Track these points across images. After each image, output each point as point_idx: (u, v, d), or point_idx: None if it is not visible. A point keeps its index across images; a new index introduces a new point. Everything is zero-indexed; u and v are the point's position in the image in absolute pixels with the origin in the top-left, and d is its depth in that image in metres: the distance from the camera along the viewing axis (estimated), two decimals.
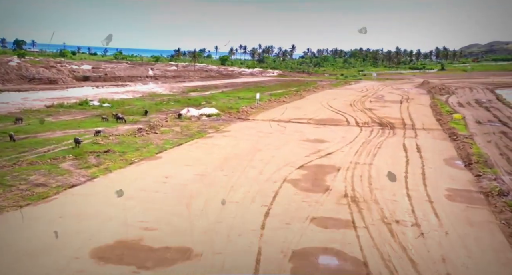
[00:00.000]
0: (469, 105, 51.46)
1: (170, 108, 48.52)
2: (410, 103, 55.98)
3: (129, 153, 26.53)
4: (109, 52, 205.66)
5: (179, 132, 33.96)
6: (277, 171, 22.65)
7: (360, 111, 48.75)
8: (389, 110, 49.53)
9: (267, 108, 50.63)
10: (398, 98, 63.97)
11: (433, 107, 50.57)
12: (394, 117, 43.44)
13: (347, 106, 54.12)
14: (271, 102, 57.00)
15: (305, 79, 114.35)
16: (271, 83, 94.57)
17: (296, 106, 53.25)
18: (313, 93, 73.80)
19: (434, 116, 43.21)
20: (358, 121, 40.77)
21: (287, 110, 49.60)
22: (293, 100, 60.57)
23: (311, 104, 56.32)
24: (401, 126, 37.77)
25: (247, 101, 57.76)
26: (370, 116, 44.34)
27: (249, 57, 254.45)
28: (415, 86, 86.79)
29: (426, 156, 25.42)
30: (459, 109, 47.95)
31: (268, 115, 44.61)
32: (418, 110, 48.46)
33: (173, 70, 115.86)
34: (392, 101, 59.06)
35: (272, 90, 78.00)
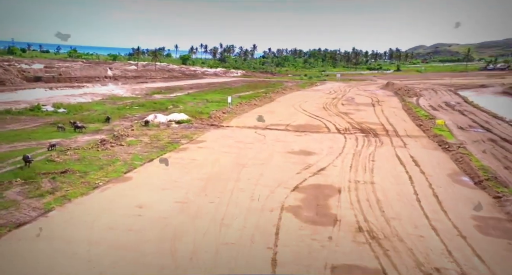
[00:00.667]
0: (442, 109, 50.46)
1: (135, 114, 43.87)
2: (382, 106, 54.34)
3: (91, 173, 22.24)
4: (62, 50, 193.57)
5: (149, 144, 29.79)
6: (271, 194, 19.30)
7: (336, 115, 46.30)
8: (365, 114, 47.44)
9: (240, 113, 47.13)
10: (369, 100, 62.40)
11: (408, 110, 49.06)
12: (372, 122, 41.24)
13: (321, 109, 51.63)
14: (242, 105, 53.52)
15: (270, 79, 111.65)
16: (237, 84, 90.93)
17: (269, 110, 50.08)
18: (282, 95, 70.99)
19: (413, 121, 41.43)
20: (338, 127, 38.16)
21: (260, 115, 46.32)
22: (264, 103, 57.38)
23: (284, 107, 53.37)
24: (384, 133, 35.50)
25: (216, 104, 53.97)
26: (348, 121, 41.91)
27: (210, 56, 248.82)
28: (380, 88, 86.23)
29: (427, 171, 22.95)
30: (435, 113, 46.65)
31: (242, 121, 41.14)
32: (394, 114, 46.69)
33: (133, 70, 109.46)
34: (364, 104, 57.26)
35: (239, 92, 74.39)
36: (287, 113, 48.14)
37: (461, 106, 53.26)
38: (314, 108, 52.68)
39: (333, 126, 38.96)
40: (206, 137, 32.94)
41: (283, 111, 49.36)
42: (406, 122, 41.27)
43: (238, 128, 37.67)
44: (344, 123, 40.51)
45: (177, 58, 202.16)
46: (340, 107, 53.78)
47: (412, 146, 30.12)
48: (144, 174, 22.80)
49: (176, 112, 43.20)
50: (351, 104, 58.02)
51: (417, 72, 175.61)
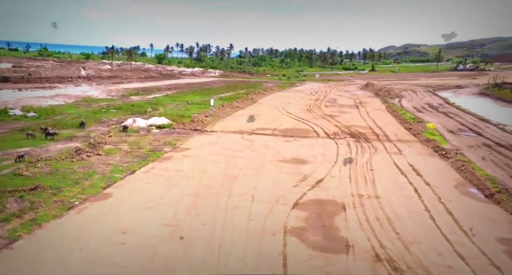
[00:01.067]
0: (426, 111, 49.73)
1: (112, 118, 40.91)
2: (366, 108, 53.19)
3: (66, 190, 19.64)
4: (32, 48, 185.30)
5: (129, 152, 27.21)
6: (269, 213, 17.28)
7: (322, 118, 44.69)
8: (351, 116, 46.06)
9: (223, 116, 44.88)
10: (351, 102, 61.23)
11: (393, 113, 47.99)
12: (360, 125, 39.82)
13: (306, 112, 49.97)
14: (225, 108, 51.24)
15: (249, 80, 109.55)
16: (216, 85, 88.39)
17: (252, 113, 47.98)
18: (263, 96, 69.02)
19: (401, 124, 40.25)
20: (326, 131, 36.50)
21: (244, 118, 44.23)
22: (246, 105, 55.25)
23: (267, 109, 51.42)
24: (374, 137, 34.07)
25: (197, 106, 51.50)
26: (335, 124, 40.35)
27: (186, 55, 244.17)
28: (360, 89, 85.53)
29: (432, 182, 21.44)
30: (420, 115, 45.76)
31: (227, 125, 38.92)
32: (380, 117, 45.48)
33: (108, 70, 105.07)
34: (348, 106, 56.00)
35: (220, 93, 72.01)
36: (272, 115, 46.22)
37: (444, 107, 52.71)
38: (298, 110, 50.98)
39: (321, 130, 37.27)
40: (191, 144, 30.58)
41: (267, 114, 47.39)
42: (394, 125, 40.05)
43: (223, 133, 35.44)
44: (332, 127, 38.90)
45: (153, 57, 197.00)
46: (324, 109, 52.26)
47: (408, 152, 28.71)
48: (126, 189, 20.34)
49: (156, 116, 40.53)
50: (335, 105, 56.66)
51: (392, 72, 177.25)
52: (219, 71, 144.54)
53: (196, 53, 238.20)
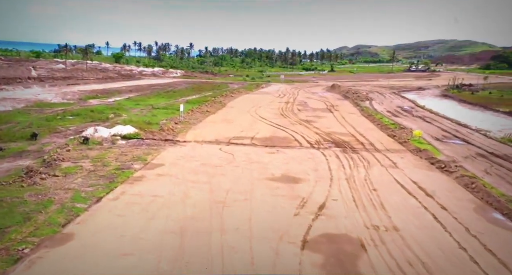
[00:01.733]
0: (401, 114, 48.21)
1: (69, 126, 35.72)
2: (340, 112, 50.95)
3: (12, 230, 15.20)
4: None
5: (92, 171, 22.76)
6: (276, 258, 13.83)
7: (299, 124, 41.76)
8: (327, 122, 43.45)
9: (194, 123, 40.86)
10: (322, 105, 58.93)
11: (369, 117, 45.90)
12: (341, 132, 37.20)
13: (280, 116, 46.93)
14: (194, 113, 47.15)
15: (213, 81, 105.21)
16: (181, 86, 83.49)
17: (225, 119, 44.34)
18: (231, 99, 65.32)
19: (383, 131, 38.00)
20: (308, 140, 33.51)
21: (217, 124, 40.49)
22: (217, 110, 51.38)
23: (240, 114, 47.91)
24: (360, 146, 31.48)
25: (164, 112, 47.09)
26: (315, 131, 37.48)
27: (144, 54, 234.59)
28: (326, 90, 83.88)
29: (448, 206, 18.87)
30: (397, 120, 43.97)
31: (200, 134, 35.01)
32: (358, 122, 43.21)
33: (62, 70, 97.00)
34: (321, 110, 53.57)
35: (185, 95, 67.54)
36: (246, 121, 42.74)
37: (417, 111, 51.49)
38: (272, 115, 47.86)
39: (302, 138, 34.22)
40: (164, 158, 26.48)
41: (240, 120, 43.88)
42: (376, 132, 37.77)
43: (198, 143, 31.54)
44: (312, 134, 36.01)
45: (109, 56, 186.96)
46: (298, 114, 49.43)
47: (403, 165, 26.22)
48: (92, 226, 16.14)
49: (120, 124, 35.83)
50: (307, 109, 54.02)
51: (350, 72, 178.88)
52: (180, 71, 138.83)
53: (155, 52, 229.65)
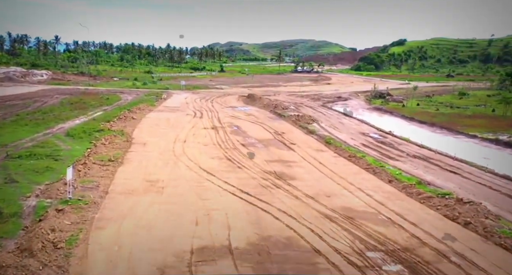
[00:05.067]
0: (388, 152, 35.06)
1: None
2: (303, 148, 36.20)
3: None
4: None
5: None
6: None
7: (272, 185, 25.52)
8: (308, 175, 28.00)
9: (94, 203, 21.34)
10: (265, 133, 43.44)
11: (355, 160, 31.53)
12: (363, 211, 21.82)
13: (228, 164, 30.09)
14: (87, 168, 27.04)
15: (97, 88, 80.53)
16: (53, 101, 58.85)
17: (145, 181, 25.51)
18: (135, 123, 45.30)
19: (430, 208, 22.77)
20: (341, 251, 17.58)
21: (138, 208, 21.87)
22: (122, 153, 31.66)
23: (164, 164, 29.60)
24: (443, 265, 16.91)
25: (32, 170, 26.09)
26: (316, 208, 21.81)
27: None
28: (245, 103, 68.39)
29: None
30: (394, 163, 30.93)
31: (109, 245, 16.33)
32: (348, 172, 28.75)
33: None
34: (274, 145, 38.06)
35: (62, 119, 45.17)
36: (183, 185, 24.94)
37: (399, 144, 39.18)
38: (214, 161, 30.77)
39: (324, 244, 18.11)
40: None
41: (171, 181, 25.75)
42: (414, 206, 22.86)
43: None
44: (309, 214, 20.45)
45: None
46: (250, 155, 33.08)
47: None
48: None
49: None
50: (253, 143, 37.94)
51: (242, 73, 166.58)
52: (47, 72, 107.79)
53: (9, 46, 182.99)
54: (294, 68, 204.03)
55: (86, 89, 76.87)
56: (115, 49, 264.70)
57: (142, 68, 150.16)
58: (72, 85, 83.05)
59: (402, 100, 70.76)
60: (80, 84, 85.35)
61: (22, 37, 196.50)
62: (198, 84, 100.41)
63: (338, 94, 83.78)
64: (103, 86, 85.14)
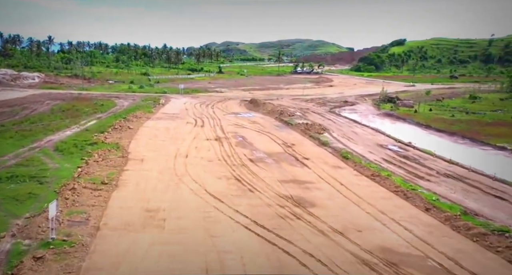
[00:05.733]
0: (406, 165, 31.93)
1: None
2: (318, 164, 32.74)
3: None
4: None
5: None
6: None
7: (293, 216, 22.05)
8: (332, 202, 24.55)
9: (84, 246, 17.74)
10: (273, 144, 40.03)
11: (380, 181, 28.10)
12: (392, 246, 18.70)
13: (238, 187, 26.57)
14: (76, 194, 23.46)
15: (90, 92, 76.69)
16: (43, 107, 55.10)
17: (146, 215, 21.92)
18: (130, 134, 41.64)
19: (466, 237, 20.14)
20: None
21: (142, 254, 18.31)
22: (118, 172, 28.06)
23: (165, 187, 26.06)
24: None
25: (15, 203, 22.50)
26: (343, 246, 18.42)
27: None
28: (248, 108, 64.88)
29: None
30: (424, 184, 27.48)
31: None
32: (386, 203, 24.94)
33: None
34: (284, 159, 34.61)
35: (51, 129, 41.47)
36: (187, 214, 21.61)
37: (424, 159, 35.85)
38: (221, 184, 27.27)
39: None
40: None
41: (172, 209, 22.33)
42: (450, 238, 19.65)
43: None
44: None
45: None
46: (259, 172, 29.61)
47: None
48: None
49: None
50: (265, 160, 34.30)
51: (241, 75, 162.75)
52: (39, 74, 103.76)
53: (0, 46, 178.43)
54: (294, 69, 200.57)
55: (79, 93, 73.02)
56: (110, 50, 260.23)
57: (138, 70, 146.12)
58: (65, 89, 79.16)
59: (413, 105, 67.42)
60: (74, 88, 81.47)
61: (15, 37, 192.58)
62: (197, 87, 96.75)
63: (344, 98, 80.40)
64: (97, 90, 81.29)
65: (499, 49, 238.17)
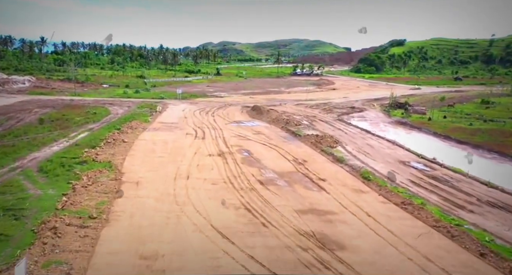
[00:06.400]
0: (438, 189, 28.26)
1: None
2: (336, 188, 29.04)
3: None
4: None
5: None
6: None
7: (320, 264, 18.38)
8: (355, 237, 21.00)
9: None
10: (282, 160, 36.28)
11: (407, 207, 24.65)
12: None
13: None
14: None
15: (83, 98, 72.59)
16: (30, 117, 51.02)
17: None
18: (124, 149, 37.72)
19: None
20: None
21: None
22: (114, 217, 24.18)
23: (164, 227, 22.24)
24: None
25: None
26: None
27: None
28: (249, 115, 61.06)
29: None
30: (466, 216, 23.82)
31: None
32: (411, 234, 21.55)
33: None
34: (297, 180, 30.90)
35: (36, 145, 37.39)
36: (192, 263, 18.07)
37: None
38: (229, 215, 23.56)
39: None
40: None
41: (173, 254, 18.72)
42: None
43: None
44: None
45: None
46: (273, 199, 25.91)
47: None
48: None
49: None
50: (276, 181, 30.55)
51: (240, 77, 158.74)
52: (30, 78, 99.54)
53: None
54: (293, 70, 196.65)
55: (71, 100, 68.93)
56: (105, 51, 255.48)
57: (133, 72, 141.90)
58: (56, 95, 74.99)
59: (425, 111, 63.85)
60: (65, 93, 77.33)
61: (6, 38, 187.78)
62: (195, 91, 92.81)
63: (350, 103, 76.71)
64: (90, 95, 77.16)
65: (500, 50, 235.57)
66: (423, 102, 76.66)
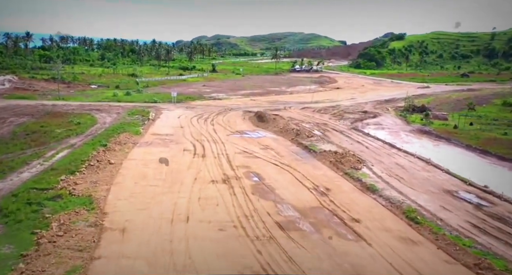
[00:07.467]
0: (500, 234, 22.61)
1: None
2: (375, 232, 23.12)
3: None
4: None
5: None
6: None
7: None
8: None
9: None
10: (298, 189, 30.21)
11: (483, 272, 18.85)
12: None
13: None
14: None
15: (69, 104, 65.60)
16: (2, 132, 44.29)
17: None
18: (109, 171, 31.34)
19: None
20: None
21: None
22: None
23: None
24: None
25: None
26: None
27: None
28: (253, 123, 54.68)
29: None
30: None
31: None
32: None
33: None
34: (327, 222, 24.86)
35: (6, 170, 30.91)
36: None
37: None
38: None
39: None
40: None
41: None
42: None
43: None
44: None
45: None
46: (298, 256, 19.93)
47: None
48: None
49: None
50: (298, 224, 24.51)
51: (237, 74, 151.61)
52: (11, 77, 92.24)
53: None
54: (292, 66, 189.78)
55: (53, 105, 62.04)
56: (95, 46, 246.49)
57: (125, 70, 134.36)
58: (38, 99, 68.03)
59: (447, 117, 57.95)
60: (48, 97, 70.39)
61: None
62: (191, 93, 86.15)
63: (361, 107, 70.62)
64: (76, 99, 70.26)
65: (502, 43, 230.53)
66: (438, 104, 70.87)
